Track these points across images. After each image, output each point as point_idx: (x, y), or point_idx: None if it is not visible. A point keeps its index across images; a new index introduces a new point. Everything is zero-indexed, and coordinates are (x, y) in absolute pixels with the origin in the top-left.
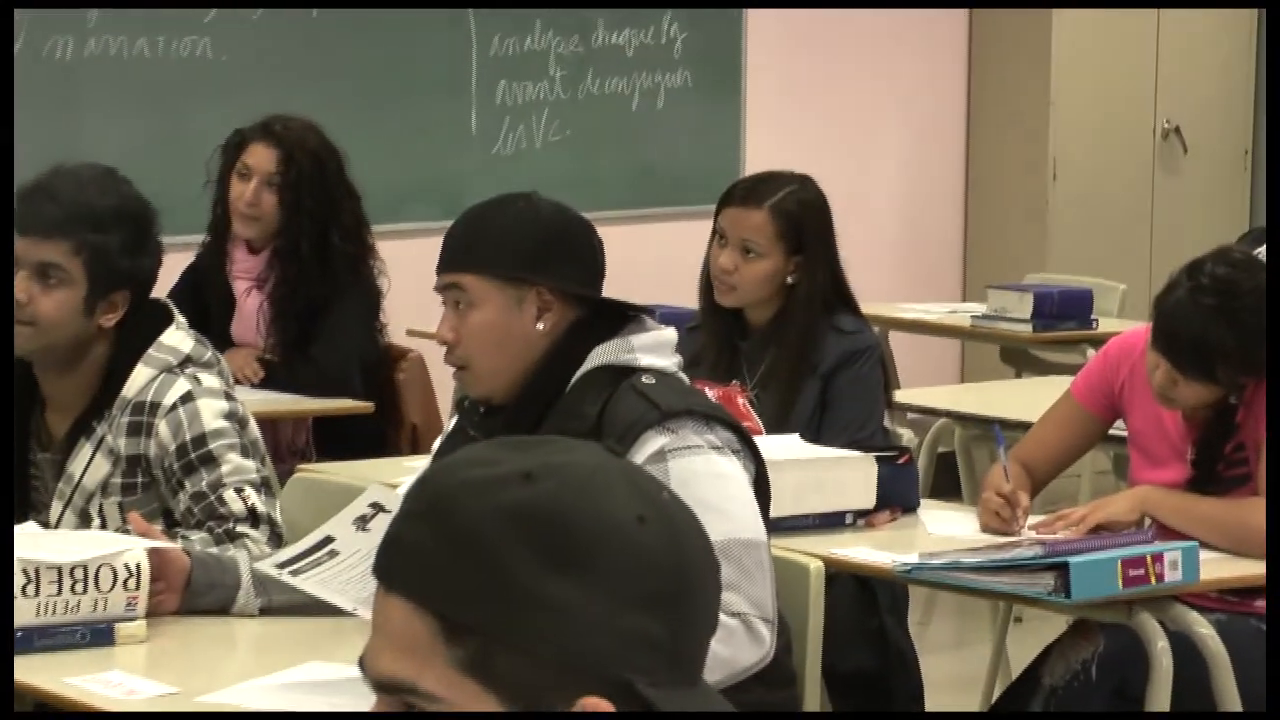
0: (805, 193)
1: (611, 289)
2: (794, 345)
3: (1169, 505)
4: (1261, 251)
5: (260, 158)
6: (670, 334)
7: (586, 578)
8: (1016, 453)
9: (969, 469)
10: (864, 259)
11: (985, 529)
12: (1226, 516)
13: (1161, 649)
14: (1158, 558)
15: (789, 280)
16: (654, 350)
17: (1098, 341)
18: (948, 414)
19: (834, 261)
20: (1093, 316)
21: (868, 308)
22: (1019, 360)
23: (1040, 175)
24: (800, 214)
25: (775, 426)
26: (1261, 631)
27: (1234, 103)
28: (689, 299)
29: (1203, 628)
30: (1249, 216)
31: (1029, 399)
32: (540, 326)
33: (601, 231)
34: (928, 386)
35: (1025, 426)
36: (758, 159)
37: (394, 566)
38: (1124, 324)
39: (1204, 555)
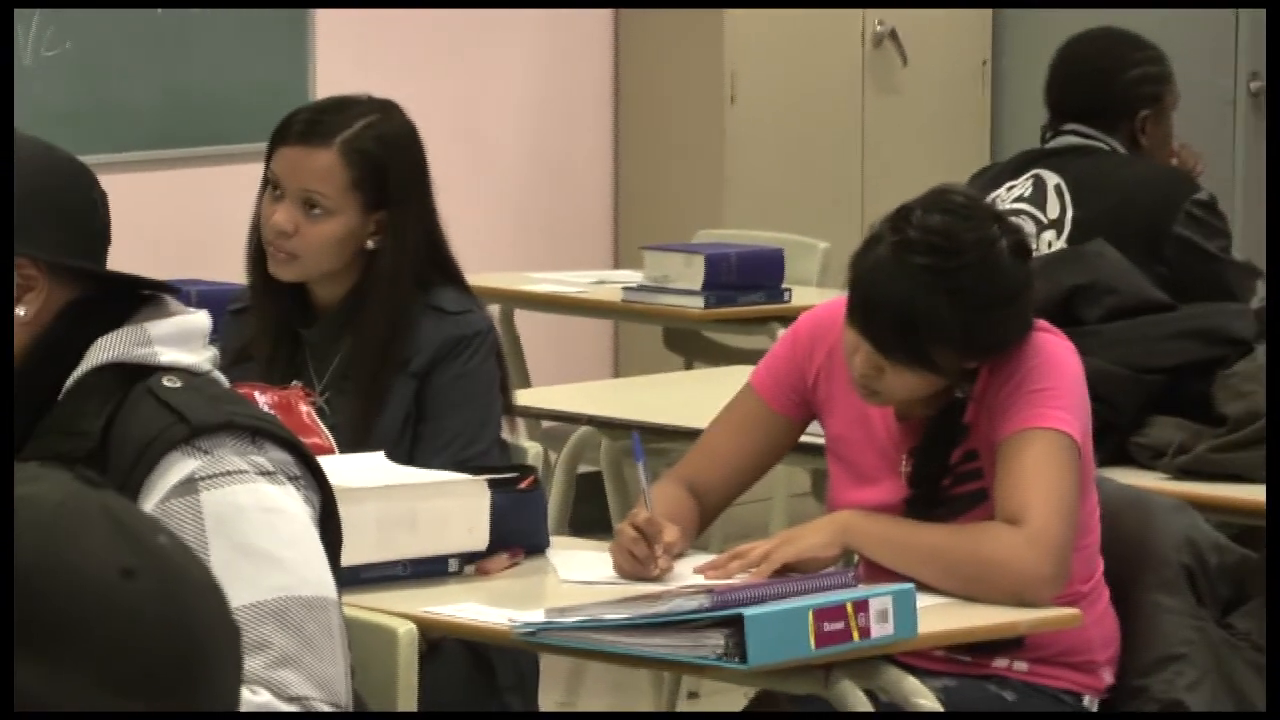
0: (389, 125)
1: (122, 259)
2: (376, 332)
3: (876, 534)
4: (1001, 195)
5: None
6: (201, 320)
7: (51, 655)
8: (681, 470)
9: (620, 493)
10: (476, 214)
11: (620, 571)
12: (955, 547)
13: None
14: (861, 606)
15: (369, 245)
16: (179, 342)
17: (792, 319)
18: (591, 420)
19: (430, 218)
20: (784, 286)
21: (481, 279)
22: (688, 345)
23: (714, 97)
24: (382, 154)
25: (352, 442)
26: (1002, 699)
27: None
28: (234, 271)
29: (923, 698)
30: (989, 149)
31: (701, 397)
32: (20, 312)
33: (113, 179)
34: (567, 384)
35: (695, 435)
36: (331, 81)
37: None
38: (826, 295)
39: (925, 601)
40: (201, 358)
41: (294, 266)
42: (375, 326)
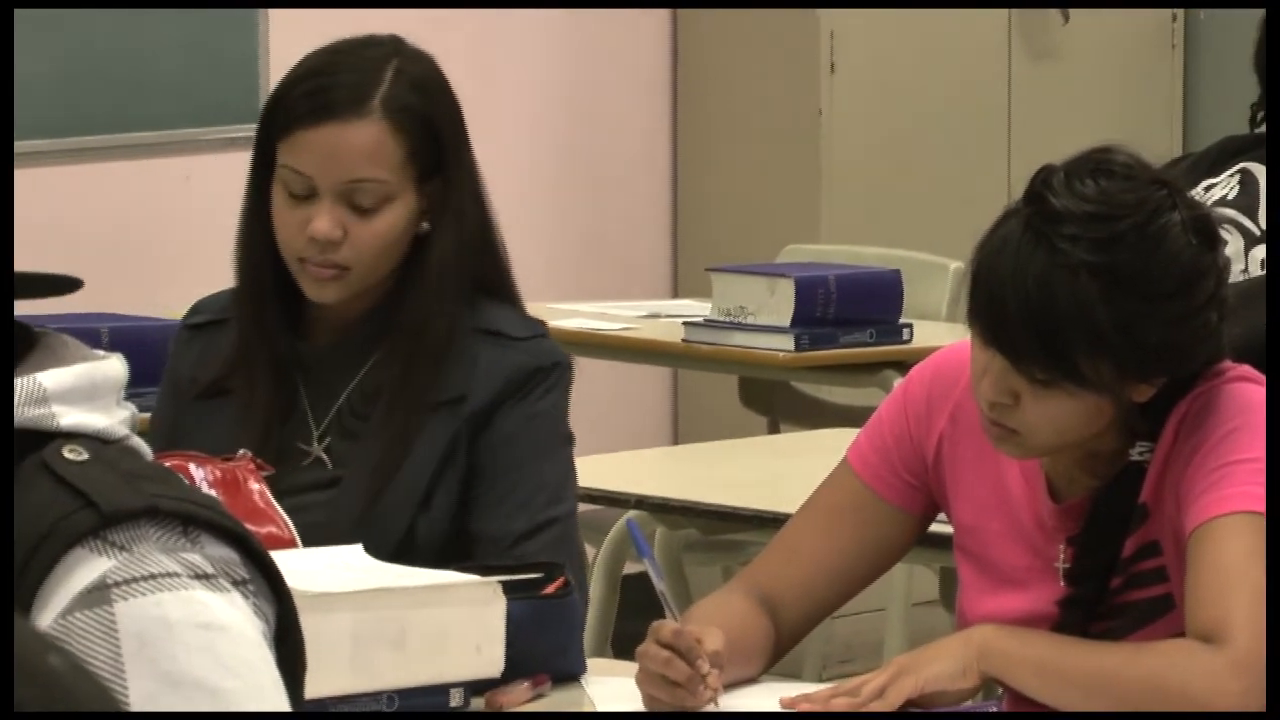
0: (417, 63)
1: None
2: (433, 341)
3: (1025, 657)
4: (1211, 190)
5: None
6: (114, 368)
7: None
8: (752, 574)
9: (683, 601)
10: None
11: (654, 706)
12: (1132, 674)
13: None
14: None
15: (423, 227)
16: (85, 398)
17: (914, 364)
18: (641, 502)
19: (478, 183)
20: (903, 321)
21: None
22: (772, 401)
23: (807, 65)
24: (428, 105)
25: (362, 506)
26: None
27: None
28: (159, 301)
29: None
30: (1180, 133)
31: (789, 470)
32: None
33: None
34: (608, 453)
35: (782, 523)
36: (287, 55)
37: None
38: (960, 333)
39: None
40: (114, 419)
41: (343, 283)
42: (433, 333)
